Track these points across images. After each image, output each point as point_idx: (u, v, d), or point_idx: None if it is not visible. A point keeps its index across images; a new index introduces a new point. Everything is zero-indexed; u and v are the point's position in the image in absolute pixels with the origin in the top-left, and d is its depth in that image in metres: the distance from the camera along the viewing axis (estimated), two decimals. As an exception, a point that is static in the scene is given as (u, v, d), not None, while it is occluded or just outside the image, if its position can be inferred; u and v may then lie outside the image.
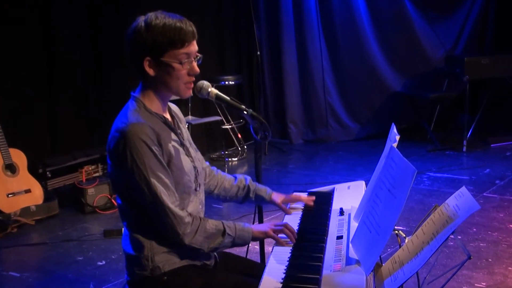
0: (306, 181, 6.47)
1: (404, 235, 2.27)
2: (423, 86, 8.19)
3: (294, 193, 2.95)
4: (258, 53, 7.90)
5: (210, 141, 7.90)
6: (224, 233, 2.33)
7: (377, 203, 2.09)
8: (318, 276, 2.06)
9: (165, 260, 2.32)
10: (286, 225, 2.41)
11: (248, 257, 3.08)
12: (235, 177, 2.79)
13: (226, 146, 7.76)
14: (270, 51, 8.34)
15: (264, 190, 2.78)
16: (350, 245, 2.25)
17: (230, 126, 7.63)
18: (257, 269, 2.52)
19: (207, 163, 2.75)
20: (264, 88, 8.39)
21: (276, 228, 2.41)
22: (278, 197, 2.79)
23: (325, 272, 2.10)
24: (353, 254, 2.19)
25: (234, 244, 2.36)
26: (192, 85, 2.35)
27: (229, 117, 7.60)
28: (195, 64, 2.30)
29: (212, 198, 2.77)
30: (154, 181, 2.19)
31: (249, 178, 2.79)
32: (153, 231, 2.28)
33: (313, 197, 2.83)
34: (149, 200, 2.21)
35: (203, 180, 2.64)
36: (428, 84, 8.20)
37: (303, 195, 2.87)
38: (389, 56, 8.25)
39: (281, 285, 2.02)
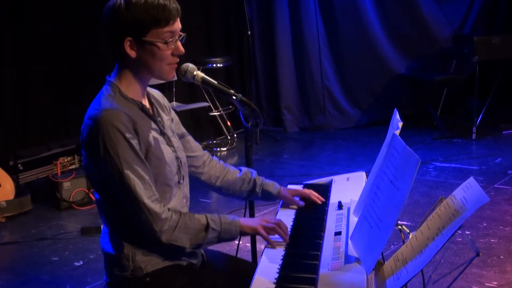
0: (302, 173, 6.47)
1: (408, 231, 2.28)
2: (428, 68, 8.19)
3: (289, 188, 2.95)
4: (249, 32, 7.87)
5: (196, 129, 7.89)
6: (207, 227, 2.31)
7: (379, 195, 2.09)
8: (314, 276, 2.06)
9: (147, 260, 2.32)
10: (279, 223, 2.39)
11: (238, 255, 3.08)
12: (240, 170, 2.76)
13: (214, 134, 7.76)
14: (262, 31, 8.33)
15: (272, 185, 2.75)
16: (350, 241, 2.26)
17: (218, 113, 7.63)
18: (248, 268, 2.51)
19: (206, 152, 2.73)
20: (255, 71, 8.37)
21: (268, 225, 2.38)
22: (287, 192, 2.77)
23: (322, 271, 2.10)
24: (352, 251, 2.19)
25: (220, 239, 2.35)
26: (176, 67, 2.34)
27: (218, 103, 7.59)
28: (179, 44, 2.30)
29: (214, 191, 2.74)
30: (128, 173, 2.18)
31: (255, 172, 2.76)
32: (133, 229, 2.28)
33: (323, 199, 2.79)
34: (123, 195, 2.21)
35: (199, 170, 2.63)
36: (434, 66, 8.20)
37: (314, 193, 2.80)
38: (392, 36, 8.24)
39: (274, 285, 2.02)
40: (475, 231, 4.71)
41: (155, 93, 2.55)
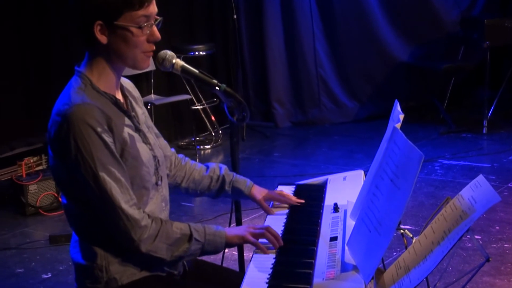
0: (295, 173, 6.48)
1: (411, 235, 2.29)
2: (434, 55, 8.21)
3: (280, 189, 2.95)
4: (235, 16, 7.86)
5: (177, 125, 7.89)
6: (190, 238, 2.31)
7: (378, 196, 2.10)
8: (308, 286, 2.07)
9: (122, 270, 2.31)
10: (267, 229, 2.40)
11: (224, 264, 3.08)
12: (207, 166, 2.78)
13: (197, 131, 7.75)
14: (249, 15, 8.33)
15: (243, 182, 2.77)
16: (346, 247, 2.26)
17: (201, 107, 7.62)
18: (234, 278, 2.52)
19: (173, 150, 2.74)
20: (242, 60, 8.36)
21: (256, 231, 2.39)
22: (259, 193, 2.78)
23: (316, 280, 2.11)
24: (349, 258, 2.20)
25: (203, 251, 2.36)
26: (151, 55, 2.34)
27: (201, 96, 7.59)
28: (155, 29, 2.29)
29: (181, 193, 2.76)
30: (103, 175, 2.18)
31: (224, 167, 2.79)
32: (107, 236, 2.28)
33: (303, 200, 2.81)
34: (98, 199, 2.20)
35: (167, 172, 2.63)
36: (440, 53, 8.22)
37: (291, 196, 2.83)
38: (393, 19, 8.25)
39: (263, 297, 2.04)
40: (487, 235, 4.73)
41: (127, 83, 2.54)
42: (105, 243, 2.29)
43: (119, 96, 2.38)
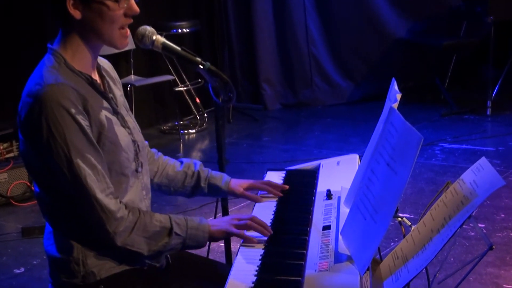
0: (285, 158, 6.49)
1: (410, 224, 2.30)
2: (434, 31, 8.22)
3: (269, 176, 2.95)
4: (220, -9, 7.87)
5: (159, 108, 7.88)
6: (170, 232, 2.31)
7: (374, 181, 2.11)
8: (299, 278, 2.07)
9: (101, 263, 2.31)
10: (252, 219, 2.40)
11: (210, 256, 3.09)
12: (181, 162, 2.78)
13: (181, 114, 7.74)
14: (236, -11, 8.32)
15: (219, 178, 2.77)
16: (340, 237, 2.27)
17: (185, 88, 7.61)
18: (221, 271, 2.53)
19: (146, 143, 2.71)
20: (229, 37, 8.36)
21: (240, 223, 2.39)
22: (239, 185, 2.77)
23: (309, 272, 2.11)
24: (344, 248, 2.20)
25: (184, 246, 2.36)
26: (129, 32, 2.33)
27: (184, 77, 7.57)
28: (133, 2, 2.28)
29: (152, 189, 2.71)
30: (78, 161, 2.17)
31: (199, 163, 2.78)
32: (84, 227, 2.27)
33: (287, 186, 2.81)
34: (71, 188, 2.19)
35: (147, 159, 2.62)
36: (441, 29, 8.23)
37: (277, 185, 2.82)
38: (390, -7, 8.27)
39: (252, 291, 2.04)
40: (491, 223, 4.75)
41: (105, 63, 2.53)
42: (81, 234, 2.29)
43: (95, 76, 2.37)
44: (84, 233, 2.28)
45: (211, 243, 2.98)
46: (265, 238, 2.36)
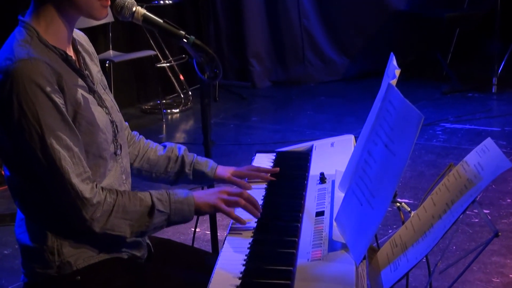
0: (275, 139, 6.49)
1: (409, 209, 2.30)
2: (436, 2, 8.22)
3: (258, 158, 2.95)
4: (205, -41, 7.86)
5: (140, 86, 7.86)
6: (152, 209, 2.31)
7: (371, 164, 2.11)
8: (290, 268, 2.07)
9: (77, 252, 2.31)
10: (243, 194, 2.40)
11: (195, 245, 3.09)
12: (165, 146, 2.77)
13: (164, 92, 7.73)
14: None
15: (205, 163, 2.76)
16: (334, 223, 2.28)
17: (168, 64, 7.60)
18: (207, 260, 2.53)
19: (126, 124, 2.70)
20: (214, 8, 8.34)
21: (230, 198, 2.38)
22: (226, 171, 2.78)
23: (301, 261, 2.12)
24: (338, 236, 2.21)
25: (170, 222, 2.35)
26: (109, 3, 2.32)
27: (167, 52, 7.55)
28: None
29: (132, 175, 2.68)
30: (51, 142, 2.16)
31: (184, 147, 2.77)
32: (59, 213, 2.27)
33: (277, 169, 2.81)
34: (44, 171, 2.19)
35: (126, 141, 2.62)
36: (443, 0, 8.23)
37: (265, 169, 2.82)
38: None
39: (240, 281, 2.04)
40: (496, 209, 4.77)
41: (81, 37, 2.52)
42: (56, 221, 2.29)
43: (70, 52, 2.36)
44: (58, 220, 2.28)
45: (196, 231, 2.99)
46: (255, 221, 2.37)
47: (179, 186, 2.63)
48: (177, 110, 7.62)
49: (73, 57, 2.36)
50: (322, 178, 2.69)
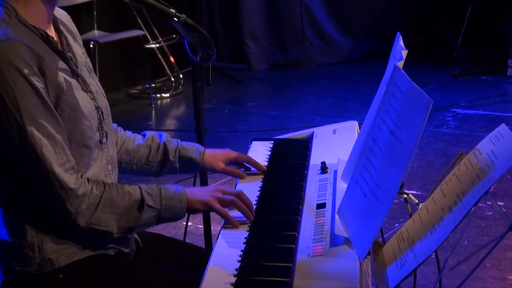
0: (273, 126, 6.50)
1: (417, 201, 2.30)
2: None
3: (254, 146, 2.96)
4: None
5: (128, 68, 7.86)
6: (142, 204, 2.31)
7: (376, 152, 2.11)
8: (290, 265, 2.08)
9: (60, 249, 2.32)
10: (239, 194, 2.40)
11: (187, 240, 3.10)
12: (144, 134, 2.75)
13: (153, 75, 7.73)
14: None
15: (191, 148, 2.74)
16: (337, 216, 2.28)
17: (157, 45, 7.59)
18: (200, 256, 2.55)
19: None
20: (207, -14, 8.35)
21: (225, 197, 2.38)
22: (217, 160, 2.76)
23: (301, 257, 2.12)
24: (341, 229, 2.21)
25: (160, 219, 2.36)
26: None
27: (156, 32, 7.55)
28: None
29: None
30: (32, 130, 2.15)
31: (166, 134, 2.75)
32: (38, 207, 2.27)
33: (264, 168, 2.80)
34: (24, 161, 2.19)
35: (113, 128, 2.61)
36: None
37: (251, 160, 2.81)
38: None
39: (235, 278, 2.04)
40: (511, 200, 4.78)
41: (63, 15, 2.51)
42: (37, 215, 2.28)
43: (51, 32, 2.35)
44: (39, 213, 2.28)
45: (188, 225, 2.99)
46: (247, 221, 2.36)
47: (168, 179, 2.62)
48: (167, 95, 7.62)
49: (55, 38, 2.35)
50: (324, 168, 2.69)
